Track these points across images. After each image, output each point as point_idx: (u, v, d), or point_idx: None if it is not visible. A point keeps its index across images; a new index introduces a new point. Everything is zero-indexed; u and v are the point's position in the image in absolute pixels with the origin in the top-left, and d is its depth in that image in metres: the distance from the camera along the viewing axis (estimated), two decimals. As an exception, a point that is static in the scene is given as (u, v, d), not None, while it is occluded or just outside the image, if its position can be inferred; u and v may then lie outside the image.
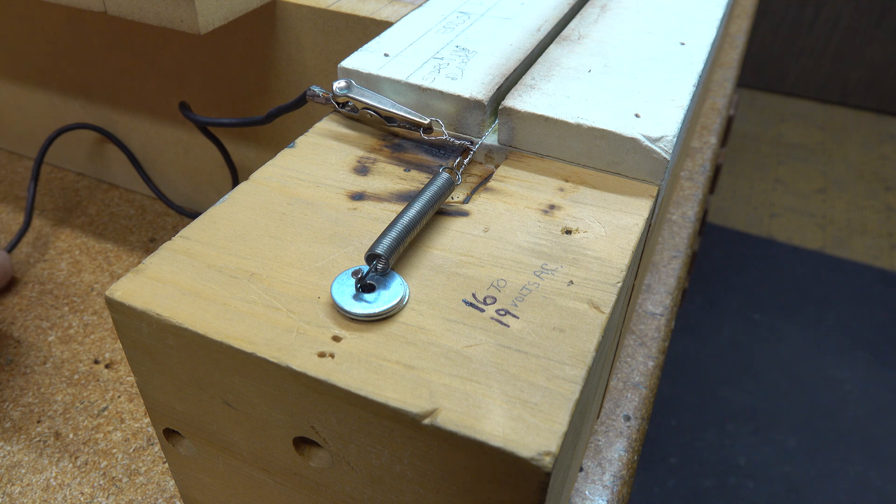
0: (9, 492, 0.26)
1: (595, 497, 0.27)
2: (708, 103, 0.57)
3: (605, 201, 0.21)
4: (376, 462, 0.16)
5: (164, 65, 0.38)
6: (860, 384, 1.26)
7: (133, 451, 0.28)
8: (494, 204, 0.21)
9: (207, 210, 0.20)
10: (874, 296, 1.44)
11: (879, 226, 1.64)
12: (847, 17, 1.92)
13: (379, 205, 0.20)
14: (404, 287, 0.17)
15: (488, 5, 0.29)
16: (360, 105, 0.23)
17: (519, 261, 0.19)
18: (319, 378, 0.15)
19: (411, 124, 0.23)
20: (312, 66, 0.34)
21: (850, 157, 1.87)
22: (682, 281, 0.40)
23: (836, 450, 1.15)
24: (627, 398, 0.32)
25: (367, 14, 0.31)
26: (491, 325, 0.17)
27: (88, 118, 0.43)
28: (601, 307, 0.17)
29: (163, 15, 0.28)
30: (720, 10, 0.30)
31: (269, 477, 0.19)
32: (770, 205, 1.70)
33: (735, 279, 1.47)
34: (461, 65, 0.24)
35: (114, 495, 0.26)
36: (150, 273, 0.18)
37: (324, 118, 0.25)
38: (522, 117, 0.22)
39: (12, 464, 0.27)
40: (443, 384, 0.15)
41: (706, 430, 1.18)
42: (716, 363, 1.29)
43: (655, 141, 0.21)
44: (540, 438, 0.14)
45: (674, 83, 0.24)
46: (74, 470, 0.27)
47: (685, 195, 0.46)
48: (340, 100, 0.24)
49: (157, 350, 0.18)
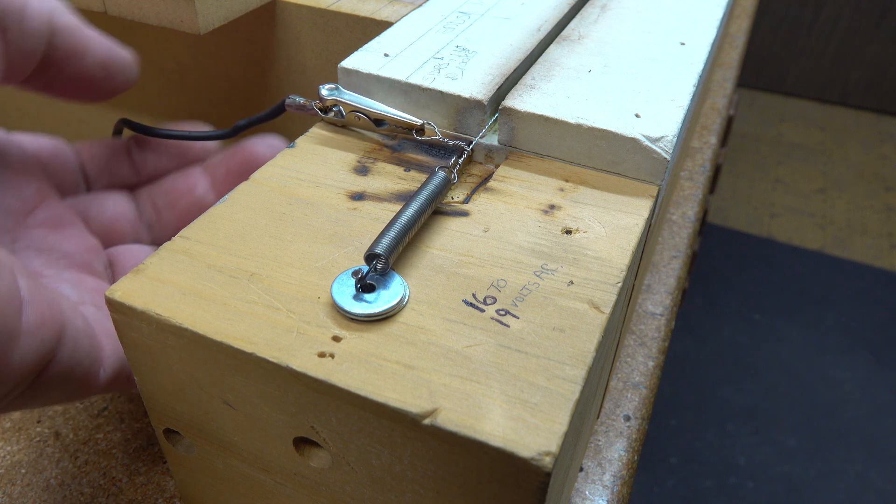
0: (9, 492, 0.26)
1: (595, 497, 0.28)
2: (708, 103, 0.57)
3: (606, 201, 0.21)
4: (376, 462, 0.16)
5: (164, 65, 0.38)
6: (860, 384, 1.26)
7: (133, 451, 0.28)
8: (494, 204, 0.21)
9: (207, 210, 0.20)
10: (874, 296, 1.44)
11: (879, 226, 1.64)
12: (847, 17, 1.92)
13: (379, 205, 0.20)
14: (404, 287, 0.17)
15: (488, 5, 0.29)
16: (349, 108, 0.23)
17: (519, 261, 0.19)
18: (319, 378, 0.15)
19: (404, 126, 0.23)
20: (312, 66, 0.34)
21: (850, 157, 1.87)
22: (682, 281, 0.40)
23: (836, 450, 1.15)
24: (627, 398, 0.32)
25: (367, 14, 0.31)
26: (491, 325, 0.17)
27: (88, 118, 0.43)
28: (601, 307, 0.17)
29: (163, 15, 0.28)
30: (720, 10, 0.30)
31: (269, 477, 0.19)
32: (770, 205, 1.70)
33: (735, 279, 1.47)
34: (461, 65, 0.24)
35: (114, 495, 0.26)
36: (150, 273, 0.18)
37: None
38: (522, 117, 0.22)
39: (12, 464, 0.27)
40: (443, 384, 0.15)
41: (706, 430, 1.18)
42: (716, 363, 1.29)
43: (655, 141, 0.21)
44: (540, 438, 0.14)
45: (674, 83, 0.24)
46: (74, 470, 0.27)
47: (685, 195, 0.46)
48: (329, 103, 0.23)
49: (157, 350, 0.18)
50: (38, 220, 0.23)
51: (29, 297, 0.18)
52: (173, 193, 0.27)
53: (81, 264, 0.23)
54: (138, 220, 0.27)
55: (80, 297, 0.22)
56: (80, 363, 0.19)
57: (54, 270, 0.22)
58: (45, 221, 0.23)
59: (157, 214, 0.27)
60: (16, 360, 0.17)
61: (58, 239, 0.23)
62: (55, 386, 0.19)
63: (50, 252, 0.22)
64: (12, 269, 0.18)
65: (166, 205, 0.27)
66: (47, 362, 0.18)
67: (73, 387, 0.20)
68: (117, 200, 0.26)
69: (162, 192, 0.27)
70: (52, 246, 0.22)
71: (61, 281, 0.22)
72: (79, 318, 0.20)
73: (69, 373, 0.19)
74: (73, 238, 0.23)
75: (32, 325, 0.17)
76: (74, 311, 0.20)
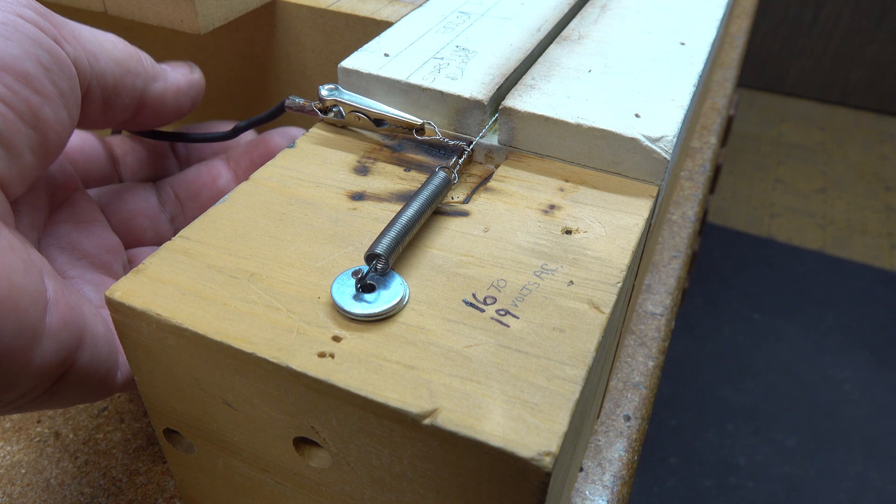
0: (9, 492, 0.26)
1: (595, 497, 0.28)
2: (708, 103, 0.57)
3: (606, 201, 0.21)
4: (376, 462, 0.16)
5: (164, 65, 0.38)
6: (860, 384, 1.26)
7: (133, 451, 0.28)
8: (494, 204, 0.21)
9: (207, 210, 0.20)
10: (874, 296, 1.44)
11: (879, 226, 1.64)
12: (847, 17, 1.92)
13: (379, 205, 0.20)
14: (404, 287, 0.17)
15: (488, 5, 0.29)
16: (349, 108, 0.23)
17: (519, 261, 0.19)
18: (319, 378, 0.15)
19: (404, 126, 0.23)
20: (312, 66, 0.34)
21: (850, 157, 1.87)
22: (682, 281, 0.40)
23: (836, 450, 1.15)
24: (627, 398, 0.32)
25: (367, 14, 0.31)
26: (491, 325, 0.17)
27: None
28: (601, 307, 0.17)
29: (163, 15, 0.28)
30: (720, 10, 0.30)
31: (269, 477, 0.19)
32: (770, 205, 1.70)
33: (735, 279, 1.47)
34: (461, 65, 0.24)
35: (114, 495, 0.26)
36: (150, 273, 0.18)
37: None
38: (522, 117, 0.22)
39: (12, 464, 0.27)
40: (443, 384, 0.15)
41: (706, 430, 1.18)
42: (716, 363, 1.29)
43: (655, 141, 0.21)
44: (540, 438, 0.14)
45: (674, 83, 0.24)
46: (74, 470, 0.27)
47: (685, 195, 0.46)
48: (329, 103, 0.23)
49: (157, 350, 0.18)
50: (62, 216, 0.23)
51: (54, 299, 0.18)
52: (196, 184, 0.27)
53: (101, 265, 0.23)
54: (160, 212, 0.27)
55: (101, 300, 0.22)
56: (98, 368, 0.20)
57: (78, 271, 0.22)
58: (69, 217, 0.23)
59: (180, 205, 0.27)
60: (37, 360, 0.17)
61: (80, 237, 0.23)
62: (73, 389, 0.19)
63: (72, 251, 0.23)
64: (41, 269, 0.18)
65: (189, 196, 0.27)
66: (68, 366, 0.18)
67: (90, 390, 0.20)
68: (139, 193, 0.27)
69: (185, 183, 0.27)
70: (74, 244, 0.23)
71: (85, 283, 0.22)
72: (99, 324, 0.20)
73: (87, 377, 0.19)
74: (95, 236, 0.23)
75: (55, 326, 0.18)
76: (95, 316, 0.20)
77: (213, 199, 0.27)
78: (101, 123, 0.23)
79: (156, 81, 0.23)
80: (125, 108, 0.23)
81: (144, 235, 0.26)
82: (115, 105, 0.22)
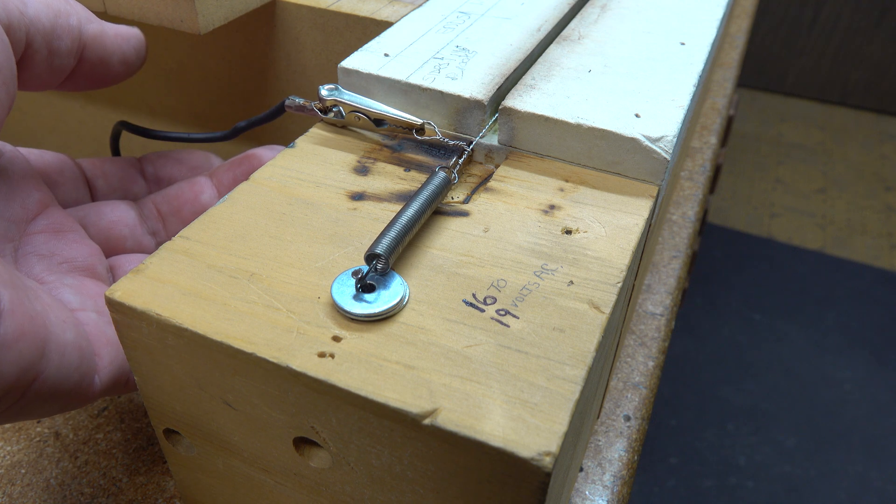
0: (9, 492, 0.26)
1: (595, 497, 0.28)
2: (708, 103, 0.57)
3: (606, 201, 0.21)
4: (376, 462, 0.16)
5: (164, 65, 0.38)
6: (860, 384, 1.26)
7: (133, 451, 0.28)
8: (494, 204, 0.21)
9: (207, 210, 0.20)
10: (874, 296, 1.44)
11: (879, 226, 1.64)
12: (847, 17, 1.92)
13: (379, 205, 0.20)
14: (404, 287, 0.17)
15: (488, 5, 0.29)
16: (349, 108, 0.23)
17: (519, 261, 0.19)
18: (319, 378, 0.15)
19: (404, 126, 0.23)
20: (312, 66, 0.34)
21: (850, 157, 1.87)
22: (682, 281, 0.40)
23: (836, 450, 1.15)
24: (627, 398, 0.32)
25: (367, 14, 0.31)
26: (491, 325, 0.17)
27: (88, 118, 0.43)
28: (601, 307, 0.17)
29: (163, 15, 0.28)
30: (720, 10, 0.30)
31: (269, 477, 0.19)
32: (770, 205, 1.70)
33: (735, 279, 1.47)
34: (461, 65, 0.24)
35: (114, 495, 0.26)
36: (150, 273, 0.18)
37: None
38: (522, 117, 0.22)
39: (12, 464, 0.27)
40: (443, 384, 0.15)
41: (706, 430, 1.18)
42: (716, 363, 1.29)
43: (655, 141, 0.21)
44: (540, 438, 0.14)
45: (674, 83, 0.24)
46: (74, 470, 0.27)
47: (685, 195, 0.46)
48: (329, 103, 0.23)
49: (157, 350, 0.18)
50: (39, 226, 0.23)
51: (10, 309, 0.17)
52: (179, 200, 0.27)
53: (84, 268, 0.23)
54: (139, 225, 0.27)
55: (82, 302, 0.21)
56: (68, 377, 0.19)
57: (56, 276, 0.22)
58: (46, 227, 0.23)
59: (161, 221, 0.27)
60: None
61: (59, 244, 0.23)
62: (43, 400, 0.19)
63: (51, 257, 0.22)
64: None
65: (171, 211, 0.27)
66: (32, 378, 0.18)
67: (65, 399, 0.19)
68: (117, 207, 0.27)
69: (167, 198, 0.27)
70: (53, 251, 0.22)
71: (63, 287, 0.22)
72: (68, 331, 0.19)
73: (58, 387, 0.19)
74: (74, 243, 0.23)
75: (10, 337, 0.17)
76: (64, 323, 0.19)
77: (196, 215, 0.27)
78: (48, 78, 0.22)
79: (90, 23, 0.23)
80: (68, 52, 0.22)
81: (124, 244, 0.26)
82: (57, 50, 0.22)
